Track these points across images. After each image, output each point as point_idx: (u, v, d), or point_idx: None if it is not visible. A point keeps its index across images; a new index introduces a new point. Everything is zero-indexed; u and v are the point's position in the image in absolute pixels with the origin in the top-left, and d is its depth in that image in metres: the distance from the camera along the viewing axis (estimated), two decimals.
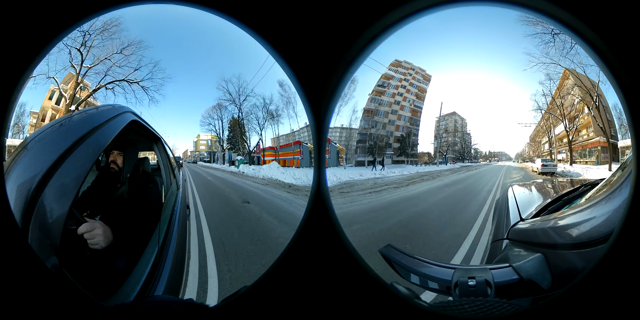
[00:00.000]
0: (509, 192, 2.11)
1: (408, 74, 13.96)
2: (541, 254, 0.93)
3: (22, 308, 0.61)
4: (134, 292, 1.28)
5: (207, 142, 11.16)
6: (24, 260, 0.62)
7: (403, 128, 14.21)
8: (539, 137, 12.64)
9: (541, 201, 1.61)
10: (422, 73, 14.10)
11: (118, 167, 2.01)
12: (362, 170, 11.86)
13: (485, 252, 1.75)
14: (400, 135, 14.18)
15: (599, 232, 0.78)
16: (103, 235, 1.39)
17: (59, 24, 0.64)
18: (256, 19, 0.67)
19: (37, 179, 1.00)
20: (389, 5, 0.63)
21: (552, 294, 0.62)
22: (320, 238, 0.68)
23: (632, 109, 0.56)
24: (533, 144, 13.10)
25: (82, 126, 1.28)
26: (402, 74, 13.88)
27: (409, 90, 13.97)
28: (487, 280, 0.87)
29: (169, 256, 1.71)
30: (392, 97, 13.82)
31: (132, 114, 1.93)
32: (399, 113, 13.98)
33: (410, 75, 13.98)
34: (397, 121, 14.04)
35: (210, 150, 11.09)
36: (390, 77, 13.67)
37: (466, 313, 0.64)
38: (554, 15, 0.61)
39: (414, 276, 0.99)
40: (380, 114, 13.78)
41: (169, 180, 2.84)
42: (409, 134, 14.31)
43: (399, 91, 13.93)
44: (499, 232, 1.50)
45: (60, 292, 0.63)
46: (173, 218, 2.18)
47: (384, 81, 13.64)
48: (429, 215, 6.18)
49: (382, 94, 13.62)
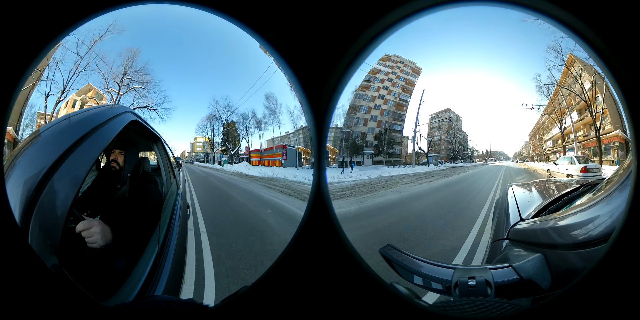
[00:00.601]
0: (509, 192, 2.11)
1: (396, 67, 12.84)
2: (541, 254, 0.93)
3: (22, 308, 0.61)
4: (134, 292, 1.28)
5: (203, 144, 12.96)
6: (24, 260, 0.62)
7: (385, 123, 12.52)
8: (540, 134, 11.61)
9: (541, 201, 1.61)
10: (412, 66, 12.90)
11: (119, 166, 2.01)
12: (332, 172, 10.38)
13: (485, 252, 1.75)
14: (378, 132, 12.42)
15: (599, 232, 0.78)
16: (101, 234, 1.39)
17: (59, 24, 0.64)
18: (256, 19, 0.67)
19: (37, 178, 0.99)
20: (388, 5, 0.63)
21: (552, 294, 0.62)
22: (320, 238, 0.68)
23: (632, 109, 0.56)
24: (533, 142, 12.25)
25: (82, 126, 1.28)
26: (389, 68, 12.84)
27: (395, 83, 12.71)
28: (487, 280, 0.87)
29: (169, 256, 1.71)
30: (376, 91, 12.58)
31: (132, 114, 1.93)
32: (381, 108, 12.55)
33: (399, 68, 12.83)
34: (379, 116, 12.51)
35: (206, 152, 12.95)
36: (377, 71, 12.66)
37: (466, 313, 0.64)
38: (554, 15, 0.61)
39: (414, 276, 0.99)
40: (363, 109, 12.45)
41: (169, 180, 2.84)
42: (387, 129, 12.49)
43: (384, 85, 12.70)
44: (499, 232, 1.50)
45: (60, 292, 0.63)
46: (173, 218, 2.18)
47: (370, 76, 12.54)
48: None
49: (367, 89, 12.53)
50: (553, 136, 10.65)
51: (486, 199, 5.90)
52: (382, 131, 12.37)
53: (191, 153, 13.28)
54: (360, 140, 12.28)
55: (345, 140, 11.95)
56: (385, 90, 12.74)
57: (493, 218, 2.01)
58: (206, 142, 12.76)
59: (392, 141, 12.65)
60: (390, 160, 12.51)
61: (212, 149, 12.50)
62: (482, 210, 4.96)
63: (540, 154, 11.28)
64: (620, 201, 0.76)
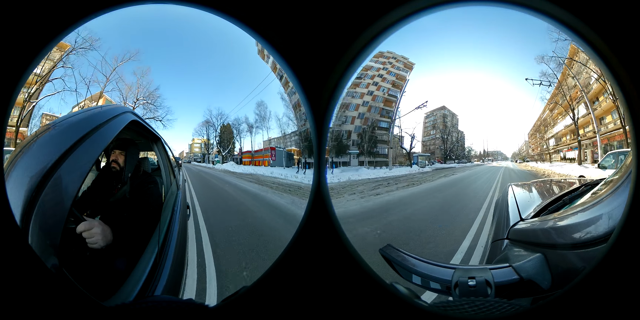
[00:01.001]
0: (509, 192, 2.11)
1: (388, 62, 12.36)
2: (541, 254, 0.93)
3: (22, 308, 0.61)
4: (134, 292, 1.28)
5: (201, 145, 15.39)
6: (24, 260, 0.62)
7: (370, 120, 11.93)
8: (542, 132, 10.06)
9: (541, 201, 1.61)
10: (404, 61, 12.31)
11: (119, 166, 2.01)
12: (285, 171, 11.46)
13: (485, 252, 1.75)
14: (362, 130, 11.79)
15: (599, 232, 0.78)
16: (102, 235, 1.39)
17: (59, 24, 0.64)
18: (256, 19, 0.67)
19: (37, 179, 0.99)
20: (388, 5, 0.63)
21: (552, 294, 0.62)
22: (320, 238, 0.68)
23: (632, 109, 0.56)
24: (533, 141, 11.43)
25: (82, 126, 1.28)
26: (381, 64, 12.38)
27: (385, 79, 12.14)
28: (487, 280, 0.87)
29: (169, 256, 1.71)
30: (366, 88, 12.09)
31: (132, 114, 1.93)
32: (370, 104, 12.05)
33: (390, 63, 12.30)
34: (366, 113, 12.05)
35: (202, 153, 15.35)
36: (369, 67, 12.29)
37: (466, 313, 0.64)
38: (554, 15, 0.61)
39: (414, 276, 0.99)
40: (351, 107, 12.10)
41: (169, 180, 2.84)
42: (370, 126, 11.79)
43: (374, 81, 12.15)
44: (499, 232, 1.50)
45: (60, 292, 0.63)
46: (173, 218, 2.18)
47: (362, 73, 12.12)
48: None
49: (357, 86, 12.15)
50: (557, 133, 9.11)
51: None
52: (366, 128, 11.75)
53: (189, 153, 15.37)
54: (347, 139, 11.89)
55: (332, 140, 11.71)
56: (375, 86, 12.26)
57: (493, 218, 2.01)
58: (203, 144, 15.16)
59: (374, 139, 12.01)
60: (374, 161, 11.72)
61: (207, 150, 15.00)
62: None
63: (542, 153, 10.20)
64: (620, 201, 0.76)
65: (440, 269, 0.96)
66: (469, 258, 3.58)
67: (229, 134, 14.26)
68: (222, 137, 14.28)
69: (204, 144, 14.86)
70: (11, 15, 0.61)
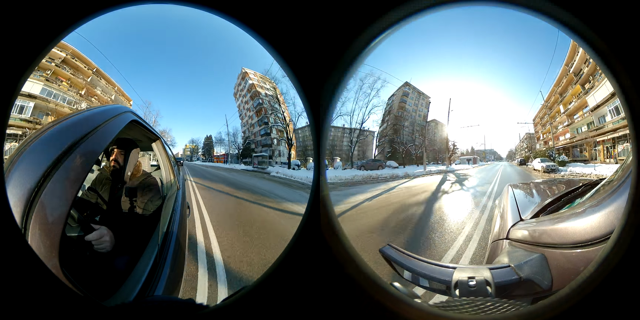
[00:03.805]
0: (509, 192, 2.11)
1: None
2: (541, 254, 0.93)
3: (22, 308, 0.61)
4: (134, 292, 1.28)
5: (191, 150, 28.03)
6: (24, 260, 0.62)
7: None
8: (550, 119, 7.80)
9: (541, 201, 1.61)
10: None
11: (119, 165, 2.01)
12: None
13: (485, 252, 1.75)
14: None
15: (599, 232, 0.78)
16: (110, 242, 1.42)
17: (59, 24, 0.64)
18: (256, 19, 0.67)
19: (37, 178, 0.99)
20: (388, 5, 0.63)
21: (552, 294, 0.62)
22: (320, 238, 0.68)
23: (632, 109, 0.56)
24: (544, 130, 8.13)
25: (82, 126, 1.28)
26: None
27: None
28: (487, 280, 0.87)
29: (169, 256, 1.71)
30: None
31: (132, 114, 1.93)
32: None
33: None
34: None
35: (190, 155, 28.84)
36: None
37: (466, 313, 0.64)
38: (554, 15, 0.61)
39: (414, 276, 0.99)
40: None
41: (169, 180, 2.84)
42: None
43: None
44: (498, 232, 1.50)
45: (60, 292, 0.63)
46: (173, 218, 2.18)
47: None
48: None
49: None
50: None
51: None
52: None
53: (183, 155, 26.82)
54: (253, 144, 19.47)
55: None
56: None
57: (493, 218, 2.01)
58: (193, 149, 28.97)
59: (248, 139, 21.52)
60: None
61: (194, 153, 28.84)
62: None
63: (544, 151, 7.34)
64: (620, 201, 0.76)
65: (441, 269, 0.96)
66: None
67: (211, 143, 27.00)
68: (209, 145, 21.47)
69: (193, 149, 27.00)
70: (11, 15, 0.61)
